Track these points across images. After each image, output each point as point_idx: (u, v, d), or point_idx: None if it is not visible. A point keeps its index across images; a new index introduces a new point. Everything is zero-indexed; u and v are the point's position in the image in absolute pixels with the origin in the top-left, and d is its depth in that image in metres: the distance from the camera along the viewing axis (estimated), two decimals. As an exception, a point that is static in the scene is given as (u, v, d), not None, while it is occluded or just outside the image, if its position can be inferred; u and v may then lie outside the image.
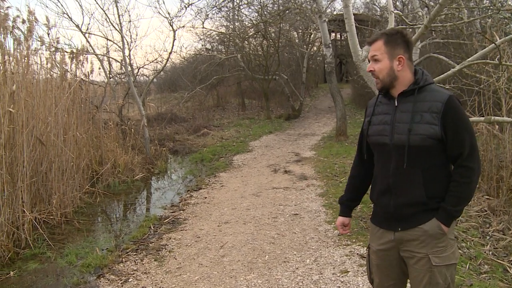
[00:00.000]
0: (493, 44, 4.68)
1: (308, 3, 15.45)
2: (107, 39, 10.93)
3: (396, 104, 2.26)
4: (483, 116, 5.43)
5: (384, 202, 2.31)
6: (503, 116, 5.49)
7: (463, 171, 2.16)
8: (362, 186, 2.63)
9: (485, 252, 4.44)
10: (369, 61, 2.31)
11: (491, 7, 6.16)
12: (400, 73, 2.22)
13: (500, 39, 5.32)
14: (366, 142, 2.44)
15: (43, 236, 5.53)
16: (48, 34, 7.99)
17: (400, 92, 2.24)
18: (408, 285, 2.34)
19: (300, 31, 21.75)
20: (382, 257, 2.36)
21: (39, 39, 7.63)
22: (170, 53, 12.49)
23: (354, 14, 6.43)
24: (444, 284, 2.16)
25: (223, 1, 17.34)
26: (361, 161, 2.56)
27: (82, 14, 9.72)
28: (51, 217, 6.12)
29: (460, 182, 2.16)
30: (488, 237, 4.80)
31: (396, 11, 6.28)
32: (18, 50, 6.51)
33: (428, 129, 2.12)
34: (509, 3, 6.55)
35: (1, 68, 5.94)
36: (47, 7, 14.07)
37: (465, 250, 4.47)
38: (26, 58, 6.58)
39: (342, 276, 4.13)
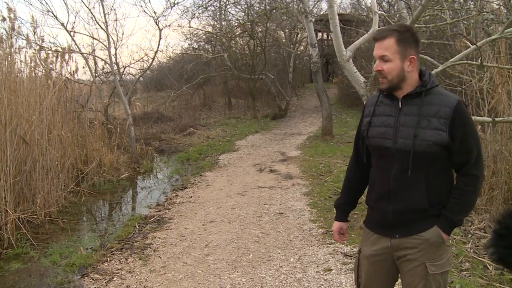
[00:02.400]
0: (475, 46, 4.76)
1: (295, 3, 15.50)
2: (93, 38, 10.86)
3: (400, 106, 2.15)
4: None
5: (382, 208, 2.21)
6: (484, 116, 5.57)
7: (468, 179, 2.10)
8: (359, 189, 2.49)
9: (466, 250, 4.52)
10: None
11: (474, 9, 6.24)
12: (409, 74, 2.11)
13: (482, 40, 5.39)
14: (365, 144, 2.32)
15: (26, 236, 5.49)
16: (34, 32, 7.93)
17: (405, 93, 2.14)
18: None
19: (287, 30, 21.79)
20: (374, 262, 2.29)
21: (24, 37, 7.57)
22: (156, 52, 12.44)
23: (340, 14, 6.48)
24: None
25: (209, 0, 17.34)
26: (356, 163, 2.45)
27: (68, 12, 9.65)
28: (35, 216, 6.07)
29: (466, 190, 2.10)
30: (469, 235, 4.87)
31: (380, 12, 6.33)
32: (0, 48, 6.46)
33: (435, 135, 2.03)
34: (490, 5, 6.64)
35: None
36: (31, 4, 13.92)
37: (447, 248, 4.53)
38: (9, 56, 6.52)
39: (325, 274, 4.17)
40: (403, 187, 2.13)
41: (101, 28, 10.51)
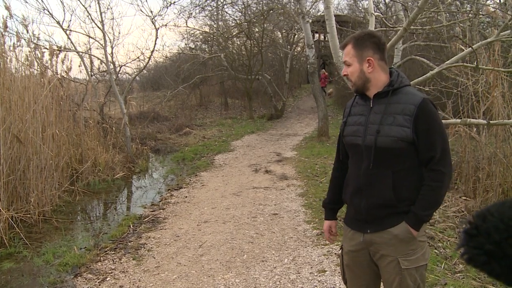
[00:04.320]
0: (470, 48, 4.76)
1: (292, 3, 15.50)
2: (89, 36, 10.84)
3: (371, 105, 2.25)
4: (461, 119, 5.52)
5: (355, 203, 2.28)
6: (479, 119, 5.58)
7: (434, 175, 2.14)
8: (343, 187, 2.52)
9: (460, 252, 4.51)
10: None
11: (471, 12, 6.26)
12: (371, 75, 2.21)
13: (478, 43, 5.40)
14: (342, 143, 2.43)
15: (19, 235, 5.45)
16: (27, 30, 7.89)
17: (375, 93, 2.23)
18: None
19: (284, 31, 21.82)
20: (353, 258, 2.35)
21: (20, 35, 7.54)
22: (153, 51, 12.40)
23: (337, 15, 6.49)
24: (414, 285, 2.16)
25: (206, 0, 17.32)
26: (339, 162, 2.52)
27: (64, 10, 9.59)
28: (28, 215, 6.04)
29: (432, 186, 2.14)
30: (463, 238, 4.87)
31: (376, 13, 6.34)
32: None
33: (400, 131, 2.11)
34: (485, 8, 6.65)
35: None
36: (26, 2, 13.79)
37: (441, 250, 4.54)
38: (3, 54, 6.49)
39: (319, 276, 4.16)
40: (371, 183, 2.21)
41: (97, 26, 10.47)
